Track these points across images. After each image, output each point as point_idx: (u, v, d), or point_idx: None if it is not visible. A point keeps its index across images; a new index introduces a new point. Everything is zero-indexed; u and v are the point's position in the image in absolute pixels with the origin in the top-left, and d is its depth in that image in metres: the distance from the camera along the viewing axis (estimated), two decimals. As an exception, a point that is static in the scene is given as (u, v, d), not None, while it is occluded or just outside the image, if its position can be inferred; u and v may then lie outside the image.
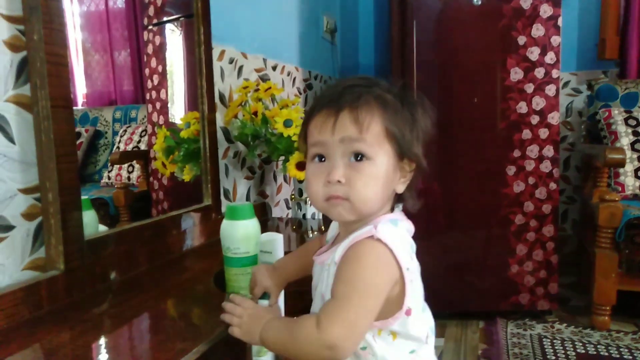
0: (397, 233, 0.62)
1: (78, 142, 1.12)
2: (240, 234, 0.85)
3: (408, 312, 0.61)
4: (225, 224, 0.87)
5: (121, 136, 1.20)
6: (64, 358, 0.59)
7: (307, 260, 0.77)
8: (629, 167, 2.03)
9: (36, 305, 0.71)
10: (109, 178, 1.16)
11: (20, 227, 0.75)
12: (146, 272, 0.94)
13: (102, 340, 0.65)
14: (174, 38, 1.30)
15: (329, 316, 0.56)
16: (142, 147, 1.21)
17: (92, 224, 0.92)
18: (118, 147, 1.20)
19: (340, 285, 0.58)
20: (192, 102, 1.25)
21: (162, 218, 1.05)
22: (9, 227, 0.73)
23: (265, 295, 0.79)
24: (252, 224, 0.87)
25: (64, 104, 0.75)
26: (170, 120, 1.27)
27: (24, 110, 0.75)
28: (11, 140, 0.73)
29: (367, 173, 0.60)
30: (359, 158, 0.60)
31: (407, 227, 0.66)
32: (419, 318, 0.64)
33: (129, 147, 1.21)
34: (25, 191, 0.75)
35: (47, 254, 0.76)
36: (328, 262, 0.65)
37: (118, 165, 1.18)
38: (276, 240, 0.96)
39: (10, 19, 0.72)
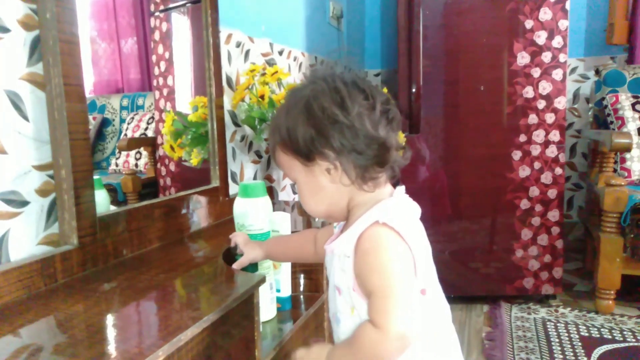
0: (398, 214, 0.63)
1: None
2: (254, 211, 0.88)
3: (423, 292, 0.64)
4: (239, 202, 0.89)
5: (128, 123, 1.22)
6: (78, 325, 0.61)
7: (294, 246, 0.84)
8: (636, 153, 2.03)
9: (51, 277, 0.73)
10: (117, 165, 1.18)
11: (34, 203, 0.77)
12: (157, 250, 0.96)
13: (115, 310, 0.67)
14: (181, 24, 1.31)
15: (383, 313, 0.59)
16: (150, 134, 1.22)
17: (103, 203, 0.94)
18: (125, 135, 1.21)
19: (374, 280, 0.60)
20: (199, 88, 1.26)
21: (172, 198, 1.07)
22: (24, 203, 0.75)
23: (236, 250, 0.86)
24: (265, 201, 0.89)
25: (76, 82, 0.76)
26: (177, 106, 1.28)
27: (37, 89, 0.76)
28: (25, 117, 0.75)
29: (299, 193, 0.70)
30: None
31: (408, 208, 0.67)
32: (436, 304, 0.67)
33: (137, 135, 1.22)
34: (39, 168, 0.77)
35: (61, 229, 0.78)
36: (338, 253, 0.66)
37: (126, 152, 1.20)
38: (283, 219, 0.99)
39: (22, -2, 0.74)
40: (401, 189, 0.69)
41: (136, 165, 1.20)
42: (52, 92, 0.75)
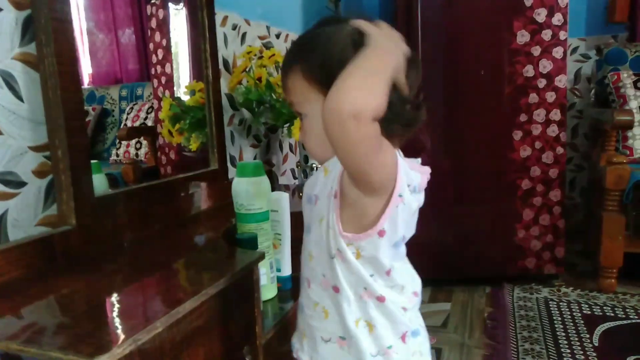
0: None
1: (86, 120, 1.13)
2: (254, 190, 0.88)
3: (381, 234, 0.60)
4: (238, 182, 0.89)
5: (128, 114, 1.22)
6: (79, 301, 0.61)
7: None
8: (637, 130, 2.01)
9: (51, 257, 0.73)
10: (117, 155, 1.18)
11: (31, 184, 0.77)
12: (156, 232, 0.96)
13: (115, 287, 0.68)
14: (177, 10, 1.30)
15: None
16: (149, 123, 1.22)
17: (102, 186, 0.94)
18: (125, 125, 1.21)
19: None
20: (197, 75, 1.26)
21: (171, 180, 1.07)
22: (21, 184, 0.75)
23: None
24: (263, 180, 0.89)
25: (70, 61, 0.75)
26: (175, 94, 1.28)
27: (31, 69, 0.76)
28: (20, 98, 0.74)
29: (305, 129, 0.65)
30: (302, 117, 0.65)
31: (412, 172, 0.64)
32: (393, 251, 0.63)
33: (136, 124, 1.22)
34: (36, 149, 0.77)
35: (59, 209, 0.78)
36: (327, 166, 0.64)
37: (126, 142, 1.20)
38: (282, 199, 0.98)
39: (13, -24, 0.73)
40: (417, 159, 0.66)
41: (137, 154, 1.20)
42: (45, 72, 0.75)
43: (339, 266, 0.62)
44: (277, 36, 1.77)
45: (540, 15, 1.79)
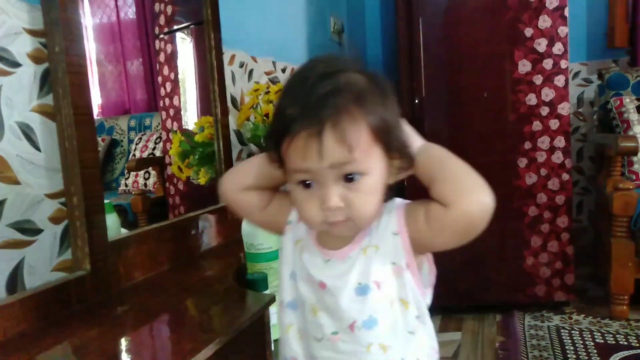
0: None
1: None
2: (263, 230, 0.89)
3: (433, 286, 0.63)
4: (248, 222, 0.90)
5: (136, 144, 1.24)
6: (94, 351, 0.62)
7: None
8: (643, 155, 2.02)
9: (66, 303, 0.75)
10: (126, 185, 1.20)
11: (47, 230, 0.78)
12: (168, 272, 0.97)
13: (129, 335, 0.68)
14: (185, 45, 1.34)
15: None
16: (157, 153, 1.24)
17: (114, 227, 0.95)
18: (134, 155, 1.23)
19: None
20: (205, 107, 1.28)
21: (181, 219, 1.08)
22: (38, 231, 0.77)
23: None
24: None
25: (85, 111, 0.78)
26: (184, 126, 1.30)
27: (48, 119, 0.78)
28: (37, 148, 0.77)
29: (365, 190, 0.54)
30: (352, 178, 0.53)
31: None
32: None
33: (145, 155, 1.24)
34: (52, 196, 0.79)
35: (74, 255, 0.80)
36: (375, 243, 0.58)
37: (134, 173, 1.22)
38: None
39: (32, 32, 0.76)
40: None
41: (145, 185, 1.21)
42: (62, 122, 0.77)
43: (417, 336, 0.60)
44: (283, 70, 1.80)
45: (541, 45, 1.81)
